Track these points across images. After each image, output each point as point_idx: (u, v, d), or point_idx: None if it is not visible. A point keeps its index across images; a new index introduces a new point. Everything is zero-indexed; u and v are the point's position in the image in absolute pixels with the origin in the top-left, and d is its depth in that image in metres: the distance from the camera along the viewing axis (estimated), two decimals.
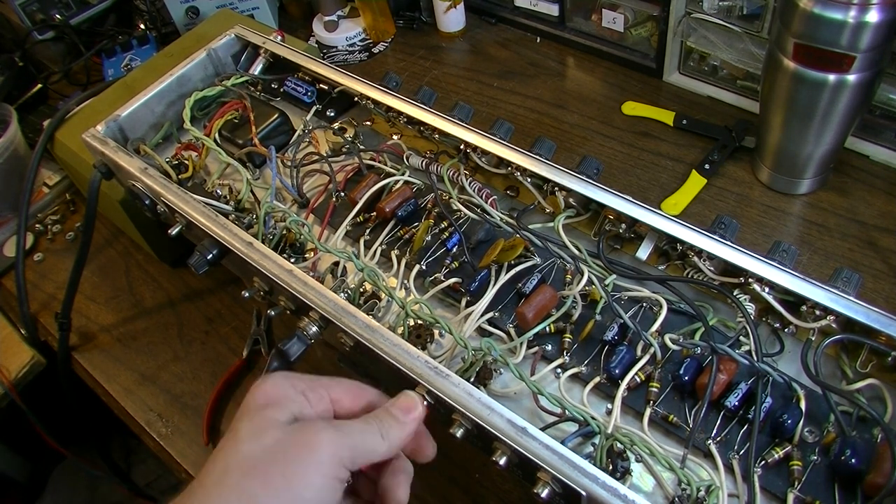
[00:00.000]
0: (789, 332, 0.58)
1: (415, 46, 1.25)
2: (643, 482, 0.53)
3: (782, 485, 0.51)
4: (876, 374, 0.55)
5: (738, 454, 0.52)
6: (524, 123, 1.06)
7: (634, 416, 0.57)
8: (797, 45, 0.77)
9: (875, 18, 0.71)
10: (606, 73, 1.11)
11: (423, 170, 0.74)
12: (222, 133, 0.82)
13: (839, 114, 0.80)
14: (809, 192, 0.91)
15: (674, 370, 0.56)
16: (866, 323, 0.52)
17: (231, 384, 0.87)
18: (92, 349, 0.94)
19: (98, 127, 0.80)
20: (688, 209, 0.92)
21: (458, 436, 0.52)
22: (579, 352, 0.60)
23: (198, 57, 0.87)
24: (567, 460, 0.48)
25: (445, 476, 0.75)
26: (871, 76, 0.77)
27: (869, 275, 0.83)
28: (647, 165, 0.98)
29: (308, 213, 0.75)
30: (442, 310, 0.66)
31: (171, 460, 0.82)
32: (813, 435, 0.53)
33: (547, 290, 0.61)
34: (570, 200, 0.66)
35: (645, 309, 0.61)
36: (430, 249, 0.68)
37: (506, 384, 0.59)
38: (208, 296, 0.96)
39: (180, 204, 0.69)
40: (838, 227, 0.88)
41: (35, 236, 1.08)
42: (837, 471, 0.50)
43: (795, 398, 0.54)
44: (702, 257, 0.59)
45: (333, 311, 0.58)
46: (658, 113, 1.03)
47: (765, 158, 0.91)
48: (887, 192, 0.90)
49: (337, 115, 0.85)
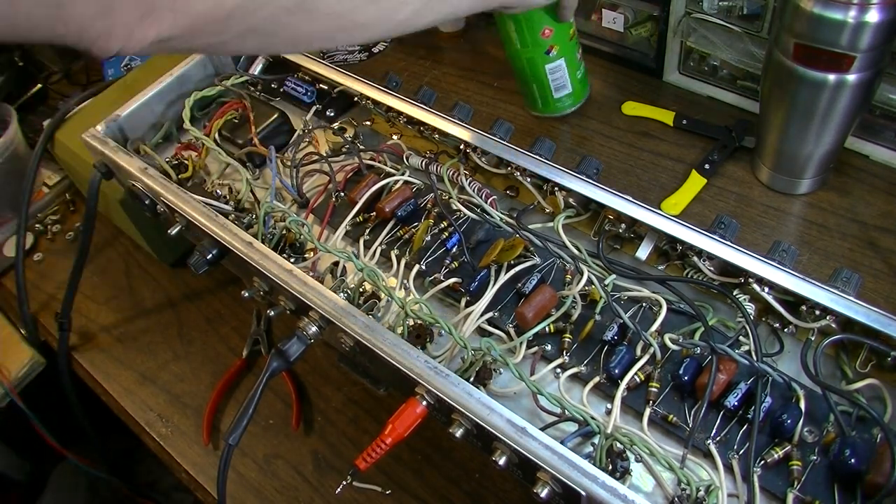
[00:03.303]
0: (789, 332, 0.58)
1: (414, 46, 1.25)
2: (643, 482, 0.53)
3: (782, 485, 0.51)
4: (875, 374, 0.55)
5: (738, 454, 0.53)
6: (524, 123, 1.06)
7: (634, 416, 0.57)
8: (797, 45, 0.77)
9: (875, 18, 0.71)
10: (606, 73, 1.10)
11: (422, 170, 0.75)
12: (222, 133, 0.82)
13: (839, 114, 0.80)
14: (809, 192, 0.91)
15: (673, 370, 0.56)
16: (866, 323, 0.52)
17: (231, 384, 0.87)
18: (92, 349, 0.94)
19: (98, 127, 0.80)
20: (688, 209, 0.92)
21: (458, 436, 0.53)
22: (579, 352, 0.60)
23: (197, 57, 0.87)
24: (567, 460, 0.48)
25: (445, 476, 0.75)
26: (871, 76, 0.77)
27: (869, 275, 0.82)
28: (647, 165, 0.98)
29: (308, 213, 0.76)
30: (442, 310, 0.66)
31: (171, 460, 0.82)
32: (812, 435, 0.53)
33: (546, 290, 0.61)
34: (570, 200, 0.66)
35: (644, 309, 0.61)
36: (430, 249, 0.68)
37: (505, 384, 0.59)
38: (208, 296, 0.96)
39: (180, 204, 0.69)
40: (838, 227, 0.88)
41: (35, 236, 1.08)
42: (837, 471, 0.50)
43: (795, 398, 0.54)
44: (701, 257, 0.59)
45: (333, 311, 0.58)
46: (658, 113, 1.03)
47: (765, 158, 0.91)
48: (887, 193, 0.90)
49: (337, 115, 0.85)
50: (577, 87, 1.01)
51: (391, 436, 0.54)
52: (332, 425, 0.82)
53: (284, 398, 0.83)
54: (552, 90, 0.99)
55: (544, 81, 0.98)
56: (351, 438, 0.80)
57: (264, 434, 0.81)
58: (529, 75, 0.98)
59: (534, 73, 0.97)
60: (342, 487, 0.57)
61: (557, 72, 0.97)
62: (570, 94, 1.01)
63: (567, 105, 1.02)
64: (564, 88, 0.99)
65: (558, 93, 1.00)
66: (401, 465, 0.75)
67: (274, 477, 0.79)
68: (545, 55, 0.94)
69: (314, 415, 0.83)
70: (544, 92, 0.99)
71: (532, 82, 0.99)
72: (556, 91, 0.99)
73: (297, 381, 0.85)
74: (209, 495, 0.78)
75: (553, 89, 0.99)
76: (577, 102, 1.03)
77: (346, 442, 0.80)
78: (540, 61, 0.96)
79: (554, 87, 0.99)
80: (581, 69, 1.01)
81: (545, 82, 0.98)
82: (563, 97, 1.01)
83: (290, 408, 0.82)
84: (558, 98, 1.00)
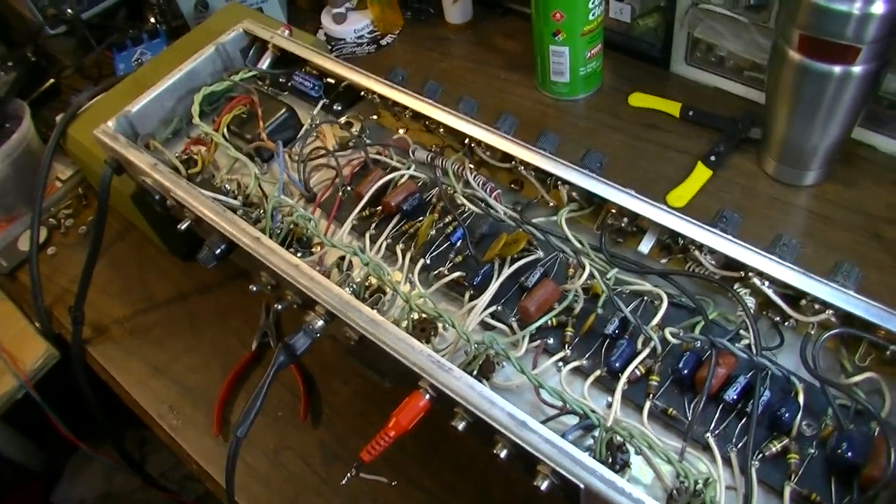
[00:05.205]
0: (789, 325, 0.59)
1: (422, 38, 1.26)
2: (642, 475, 0.54)
3: (780, 477, 0.52)
4: (875, 368, 0.55)
5: (736, 447, 0.53)
6: (530, 115, 1.07)
7: (634, 409, 0.58)
8: (802, 36, 0.77)
9: (881, 10, 0.71)
10: (614, 64, 1.11)
11: (428, 164, 0.75)
12: (231, 128, 0.83)
13: (845, 105, 0.80)
14: (815, 183, 0.91)
15: (673, 364, 0.57)
16: (865, 317, 0.53)
17: (241, 376, 0.88)
18: (105, 342, 0.96)
19: (109, 123, 0.81)
20: (693, 201, 0.92)
21: (460, 428, 0.54)
22: (581, 345, 0.61)
23: (206, 52, 0.88)
24: (566, 453, 0.48)
25: (452, 467, 0.76)
26: (876, 67, 0.77)
27: (874, 266, 0.83)
28: (653, 157, 0.98)
29: (315, 208, 0.76)
30: (446, 303, 0.67)
31: (182, 452, 0.84)
32: (811, 428, 0.53)
33: (549, 284, 0.62)
34: (574, 194, 0.66)
35: (646, 303, 0.62)
36: (435, 244, 0.69)
37: (508, 377, 0.60)
38: (219, 289, 0.97)
39: (189, 199, 0.70)
40: (844, 219, 0.88)
41: (48, 230, 1.10)
42: (834, 464, 0.51)
43: (794, 392, 0.55)
44: (702, 251, 0.60)
45: (339, 305, 0.59)
46: (665, 104, 1.03)
47: (770, 150, 0.92)
48: (894, 184, 0.90)
49: (344, 109, 0.86)
50: (575, 81, 1.04)
51: (395, 429, 0.55)
52: (339, 417, 0.83)
53: (293, 390, 0.85)
54: (550, 71, 1.04)
55: (546, 60, 1.03)
56: (358, 430, 0.81)
57: (273, 425, 0.83)
58: (536, 47, 1.03)
59: (539, 47, 1.02)
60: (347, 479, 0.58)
61: (560, 57, 1.01)
62: (567, 84, 1.05)
63: (561, 92, 1.07)
64: (562, 76, 1.03)
65: (555, 76, 1.04)
66: (407, 457, 0.76)
67: (282, 468, 0.80)
68: (552, 36, 0.99)
69: (322, 407, 0.84)
70: (544, 69, 1.05)
71: (537, 55, 1.04)
72: (553, 74, 1.04)
73: (305, 373, 0.86)
74: (219, 486, 0.80)
75: (551, 71, 1.04)
76: (574, 95, 1.07)
77: (354, 434, 0.81)
78: (546, 40, 1.00)
79: (552, 70, 1.04)
80: (587, 67, 1.03)
81: (546, 61, 1.03)
82: (559, 83, 1.05)
83: (299, 399, 0.84)
84: (554, 81, 1.05)
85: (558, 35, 0.98)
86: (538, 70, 1.07)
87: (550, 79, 1.05)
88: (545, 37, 1.00)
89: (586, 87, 1.06)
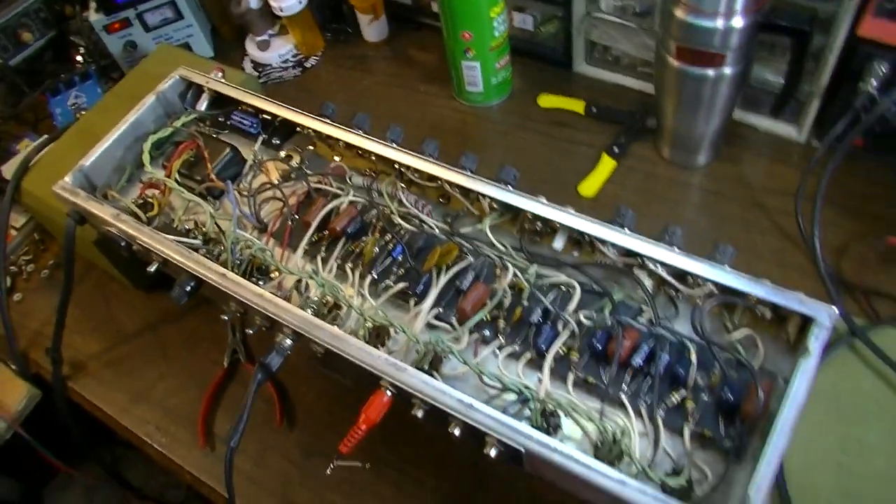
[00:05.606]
0: (682, 298, 0.71)
1: (344, 58, 1.34)
2: (573, 433, 0.65)
3: (680, 421, 0.63)
4: (750, 325, 0.67)
5: (645, 402, 0.65)
6: (451, 124, 1.17)
7: (561, 382, 0.69)
8: (678, 47, 0.89)
9: (740, 24, 0.84)
10: (522, 69, 1.20)
11: (365, 188, 0.85)
12: (181, 172, 0.90)
13: (721, 100, 0.93)
14: (706, 163, 1.04)
15: (589, 341, 0.68)
16: (736, 287, 0.65)
17: (217, 392, 0.96)
18: (85, 377, 1.02)
19: (66, 178, 0.87)
20: (602, 190, 1.04)
21: (420, 416, 0.64)
22: (512, 334, 0.72)
23: (148, 101, 0.94)
24: (507, 425, 0.59)
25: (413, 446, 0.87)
26: (744, 67, 0.90)
27: (758, 231, 0.96)
28: (563, 153, 1.09)
29: (268, 238, 0.85)
30: (394, 311, 0.77)
31: (174, 465, 0.92)
32: (703, 380, 0.65)
33: (480, 286, 0.72)
34: (493, 205, 0.77)
35: (563, 292, 0.73)
36: (379, 260, 0.78)
37: (454, 368, 0.70)
38: (184, 316, 1.04)
39: (155, 244, 0.78)
40: (732, 192, 1.00)
41: (11, 277, 1.15)
42: (721, 405, 0.63)
43: (687, 352, 0.66)
44: (605, 245, 0.71)
45: (303, 325, 0.69)
46: (570, 103, 1.14)
47: (665, 138, 1.04)
48: (771, 158, 1.03)
49: (282, 142, 0.93)
50: (488, 90, 1.15)
51: (365, 423, 0.65)
52: (310, 417, 0.92)
53: (267, 399, 0.93)
54: (465, 83, 1.15)
55: (460, 73, 1.14)
56: (328, 426, 0.91)
57: (254, 432, 0.91)
58: (450, 62, 1.14)
59: (453, 62, 1.13)
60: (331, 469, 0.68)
61: (472, 70, 1.12)
62: (481, 93, 1.17)
63: (477, 100, 1.18)
64: (476, 86, 1.15)
65: (469, 87, 1.16)
66: (376, 443, 0.86)
67: (267, 467, 0.89)
68: (463, 53, 1.09)
69: (296, 409, 0.93)
70: (459, 81, 1.16)
71: (451, 69, 1.15)
72: (468, 85, 1.16)
73: (277, 383, 0.95)
74: (213, 491, 0.89)
75: (466, 83, 1.15)
76: (488, 101, 1.18)
77: (325, 429, 0.91)
78: (459, 56, 1.11)
79: (467, 82, 1.15)
80: (498, 77, 1.14)
81: (460, 74, 1.14)
82: (474, 92, 1.17)
83: (274, 406, 0.93)
84: (469, 91, 1.17)
85: (469, 52, 1.08)
86: (454, 82, 1.18)
87: (466, 89, 1.16)
88: (457, 54, 1.10)
89: (499, 94, 1.17)
